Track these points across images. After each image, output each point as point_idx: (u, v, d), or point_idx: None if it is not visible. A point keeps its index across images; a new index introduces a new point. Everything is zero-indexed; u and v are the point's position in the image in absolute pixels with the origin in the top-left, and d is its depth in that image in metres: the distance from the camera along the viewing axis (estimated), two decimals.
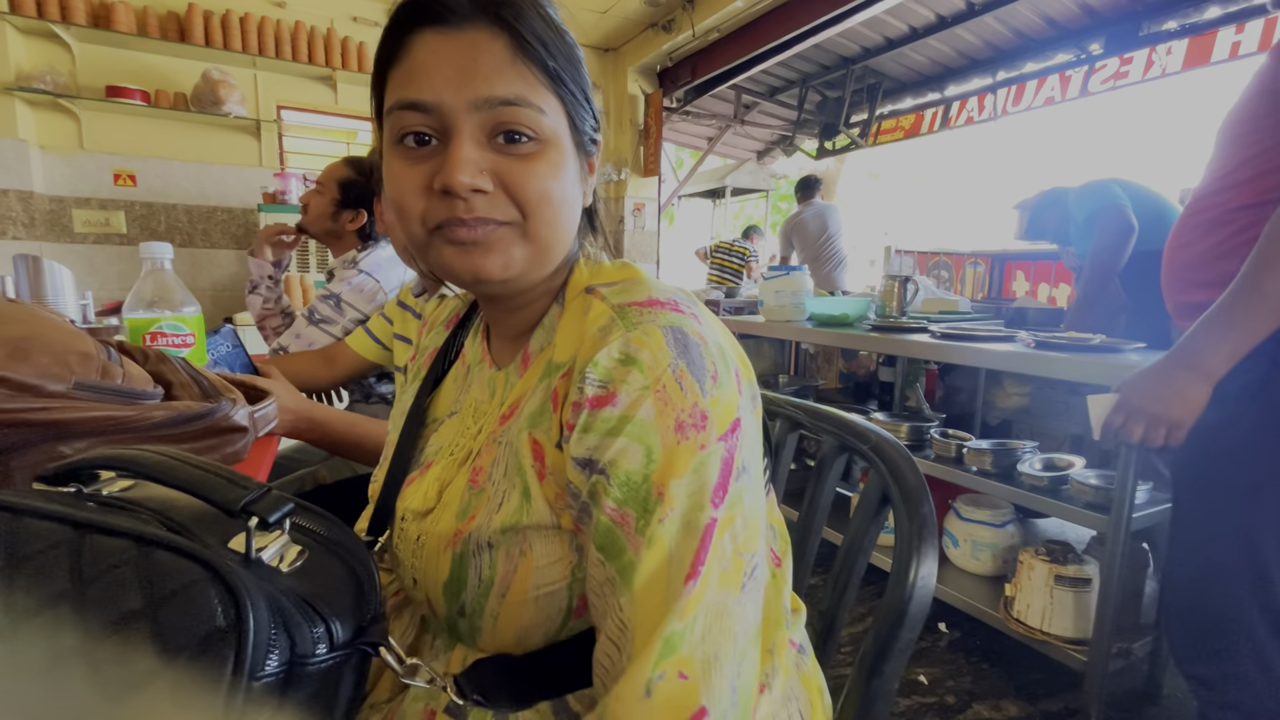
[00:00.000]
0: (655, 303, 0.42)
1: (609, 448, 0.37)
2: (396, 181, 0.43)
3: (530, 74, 0.42)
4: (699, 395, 0.37)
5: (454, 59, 0.41)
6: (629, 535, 0.36)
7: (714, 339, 0.41)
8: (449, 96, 0.41)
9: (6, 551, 0.28)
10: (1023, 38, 3.73)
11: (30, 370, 0.50)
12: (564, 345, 0.45)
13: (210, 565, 0.28)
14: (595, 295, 0.45)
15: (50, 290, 1.39)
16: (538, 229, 0.44)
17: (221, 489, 0.32)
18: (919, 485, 0.58)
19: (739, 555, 0.37)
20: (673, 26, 3.79)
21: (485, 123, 0.42)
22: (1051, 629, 1.46)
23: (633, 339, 0.39)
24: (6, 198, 2.96)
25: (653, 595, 0.35)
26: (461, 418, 0.54)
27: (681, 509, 0.36)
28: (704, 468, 0.36)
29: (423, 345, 0.64)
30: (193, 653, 0.26)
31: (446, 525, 0.47)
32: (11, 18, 2.83)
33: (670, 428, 0.36)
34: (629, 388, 0.37)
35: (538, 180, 0.43)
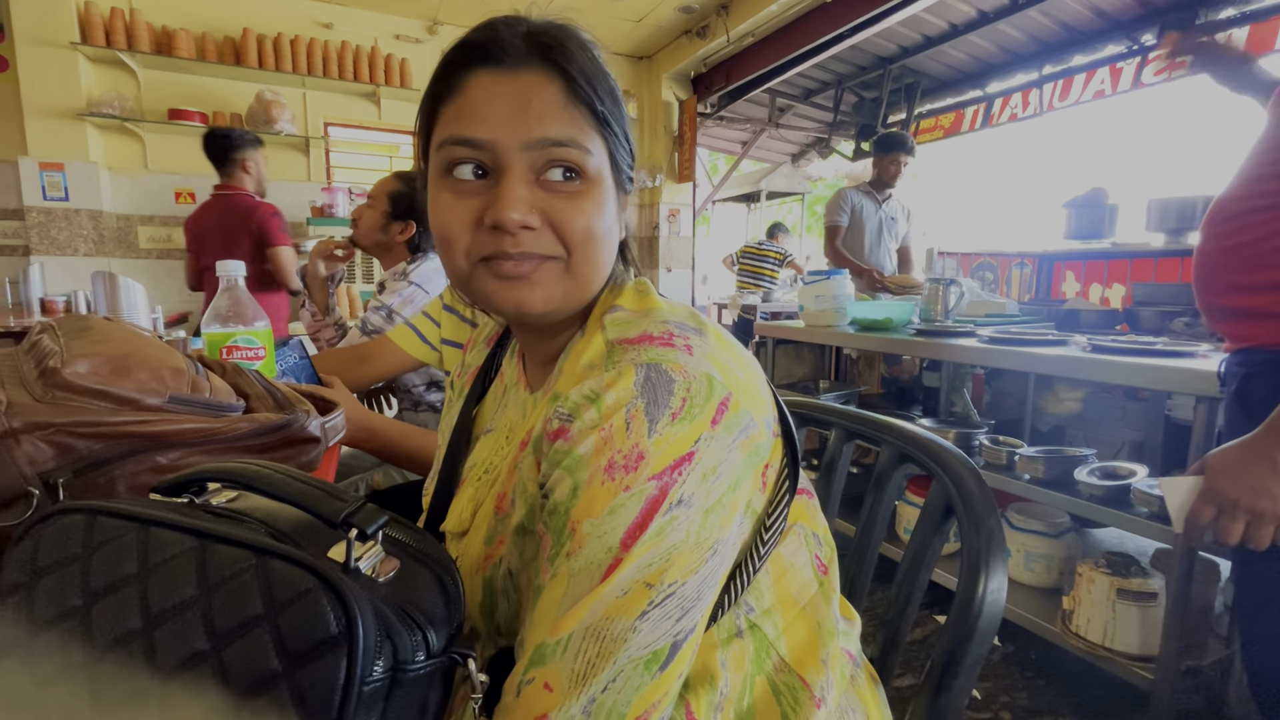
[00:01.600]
0: (646, 338, 0.42)
1: (551, 476, 0.40)
2: (444, 214, 0.45)
3: (580, 117, 0.44)
4: (643, 436, 0.38)
5: (509, 100, 0.43)
6: (544, 560, 0.39)
7: (701, 369, 0.40)
8: (503, 135, 0.42)
9: (140, 558, 0.30)
10: (1070, 30, 3.61)
11: (131, 385, 0.53)
12: (568, 373, 0.46)
13: (322, 575, 0.30)
14: (600, 325, 0.46)
15: (125, 305, 1.47)
16: (580, 265, 0.45)
17: (323, 502, 0.34)
18: (985, 497, 0.57)
19: (646, 586, 0.37)
20: (707, 32, 3.80)
21: (535, 161, 0.43)
22: (1114, 645, 1.40)
23: (606, 378, 0.40)
24: (79, 216, 3.15)
25: (544, 622, 0.38)
26: (496, 437, 0.56)
27: (588, 549, 0.37)
28: (621, 510, 0.37)
29: (467, 362, 0.67)
30: (309, 657, 0.28)
31: (477, 549, 0.48)
32: (83, 48, 3.01)
33: (601, 467, 0.38)
34: (581, 424, 0.39)
35: (583, 218, 0.44)
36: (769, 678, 0.46)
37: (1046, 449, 1.63)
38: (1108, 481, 1.46)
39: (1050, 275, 3.41)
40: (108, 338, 0.57)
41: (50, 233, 3.12)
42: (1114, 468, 1.55)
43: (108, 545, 0.31)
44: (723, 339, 0.46)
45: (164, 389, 0.54)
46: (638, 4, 3.60)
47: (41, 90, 3.01)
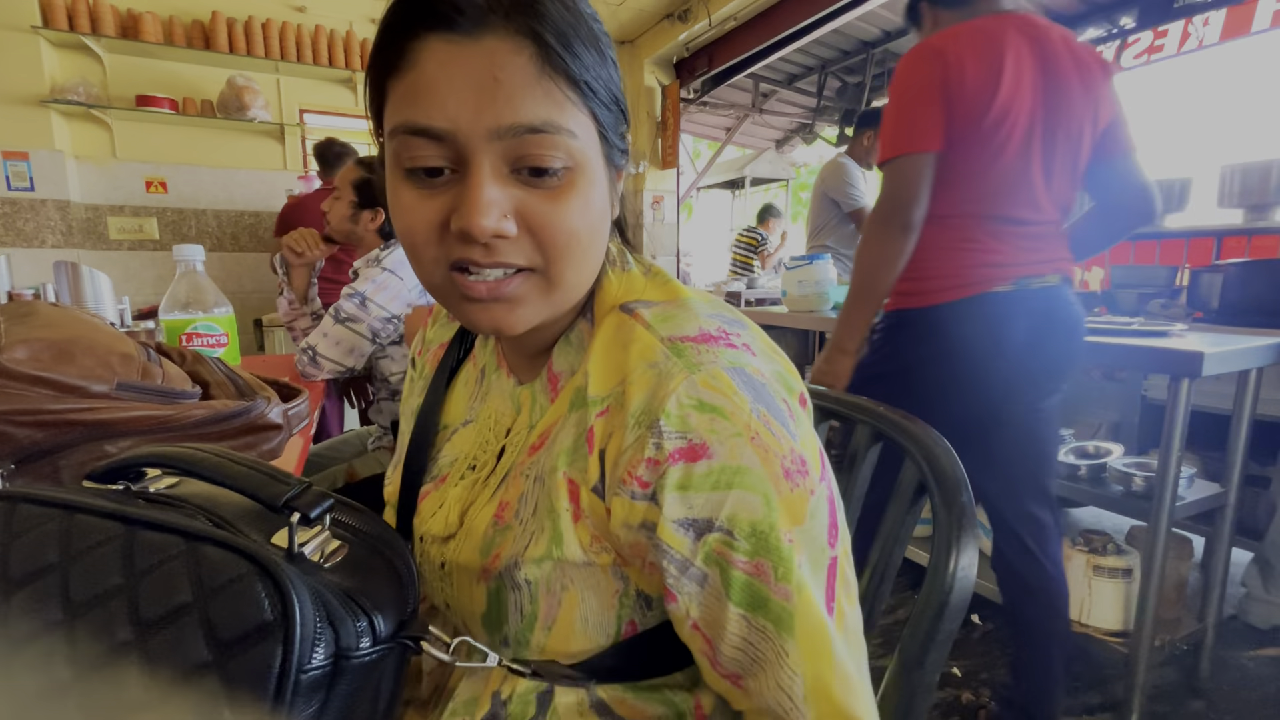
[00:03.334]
0: (708, 337, 0.38)
1: (724, 504, 0.35)
2: (406, 216, 0.38)
3: (558, 90, 0.36)
4: (790, 440, 0.36)
5: (469, 76, 0.34)
6: (771, 585, 0.36)
7: (771, 369, 0.39)
8: (465, 122, 0.35)
9: (61, 547, 0.29)
10: (1050, 13, 3.60)
11: (75, 372, 0.51)
12: (601, 377, 0.40)
13: (257, 559, 0.28)
14: (636, 319, 0.40)
15: (90, 295, 1.43)
16: (562, 273, 0.39)
17: (265, 485, 0.32)
18: (957, 475, 0.57)
19: (847, 581, 0.40)
20: (689, 16, 3.76)
21: (508, 153, 0.36)
22: (1090, 620, 1.43)
23: (700, 382, 0.35)
24: (45, 207, 3.06)
25: (816, 641, 0.37)
26: (478, 429, 0.50)
27: (810, 554, 0.37)
28: (819, 512, 0.37)
29: (429, 339, 0.60)
30: (241, 645, 0.27)
31: (471, 558, 0.43)
32: (45, 32, 2.91)
33: (779, 475, 0.35)
34: (719, 436, 0.35)
35: (565, 220, 0.38)
36: None
37: None
38: (1085, 461, 1.48)
39: None
40: (52, 324, 0.55)
41: (16, 224, 3.03)
42: (1090, 447, 1.56)
43: (28, 534, 0.29)
44: (757, 329, 0.43)
45: (111, 375, 0.52)
46: None
47: (2, 77, 2.91)
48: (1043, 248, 1.19)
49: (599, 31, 0.39)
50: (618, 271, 0.46)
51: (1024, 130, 1.13)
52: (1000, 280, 1.16)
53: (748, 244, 4.98)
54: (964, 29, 1.15)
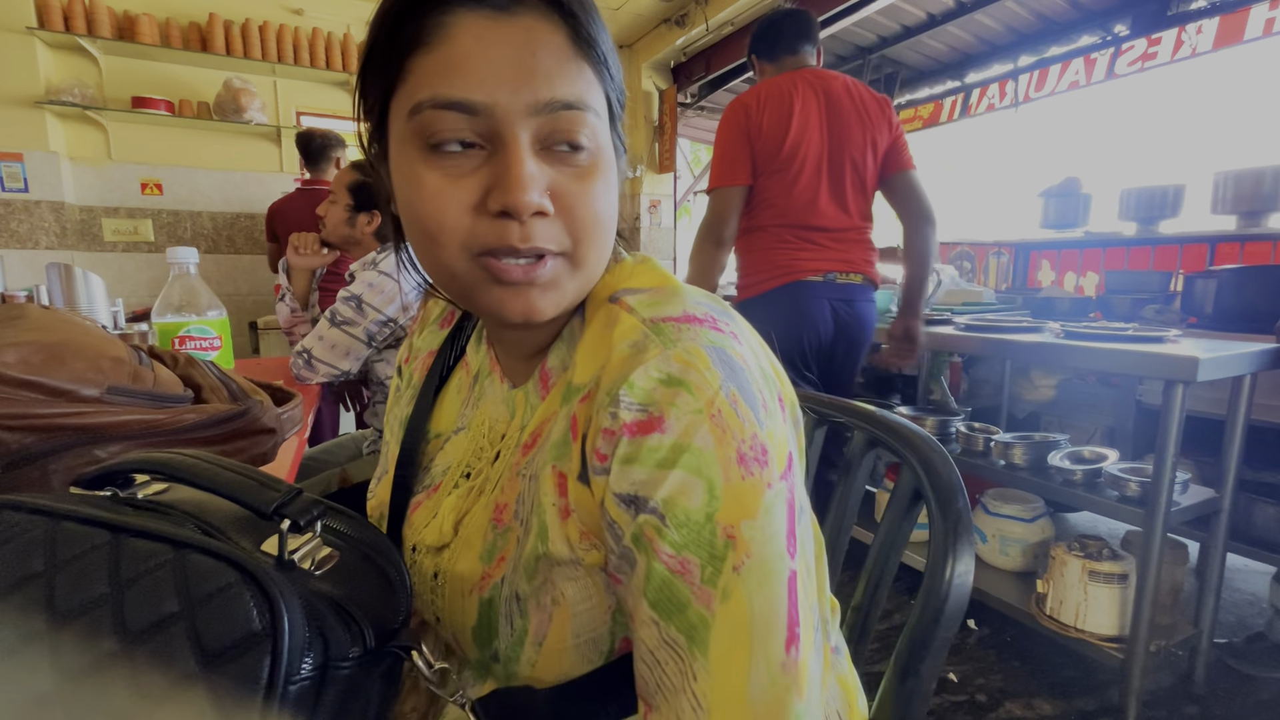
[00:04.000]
0: (692, 318, 0.37)
1: (662, 482, 0.32)
2: (432, 200, 0.36)
3: (589, 69, 0.37)
4: (756, 425, 0.33)
5: (507, 51, 0.34)
6: (694, 586, 0.31)
7: (756, 362, 0.37)
8: (504, 97, 0.34)
9: (47, 555, 0.28)
10: (1045, 21, 3.64)
11: (65, 375, 0.51)
12: (585, 364, 0.40)
13: (245, 568, 0.28)
14: (621, 306, 0.40)
15: (83, 298, 1.42)
16: (588, 256, 0.39)
17: (254, 492, 0.32)
18: (953, 481, 0.57)
19: (809, 608, 0.33)
20: (686, 21, 3.77)
21: (540, 129, 0.35)
22: (1086, 626, 1.43)
23: (674, 356, 0.34)
24: (39, 208, 3.04)
25: (737, 664, 0.30)
26: (472, 436, 0.49)
27: (759, 558, 0.31)
28: (775, 509, 0.32)
29: (417, 347, 0.58)
30: (230, 655, 0.26)
31: (469, 567, 0.42)
32: (40, 33, 2.90)
33: (732, 459, 0.32)
34: (678, 411, 0.32)
35: (594, 202, 0.37)
36: None
37: (1021, 435, 1.65)
38: (1081, 466, 1.48)
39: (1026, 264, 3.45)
40: (42, 326, 0.54)
41: (10, 225, 3.01)
42: (1086, 452, 1.57)
43: (12, 542, 0.29)
44: (748, 324, 0.42)
45: (102, 379, 0.52)
46: None
47: None
48: (846, 251, 1.58)
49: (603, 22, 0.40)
50: (610, 265, 0.45)
51: (814, 160, 1.54)
52: (810, 272, 1.55)
53: None
54: (763, 87, 1.56)
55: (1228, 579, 1.89)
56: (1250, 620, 1.80)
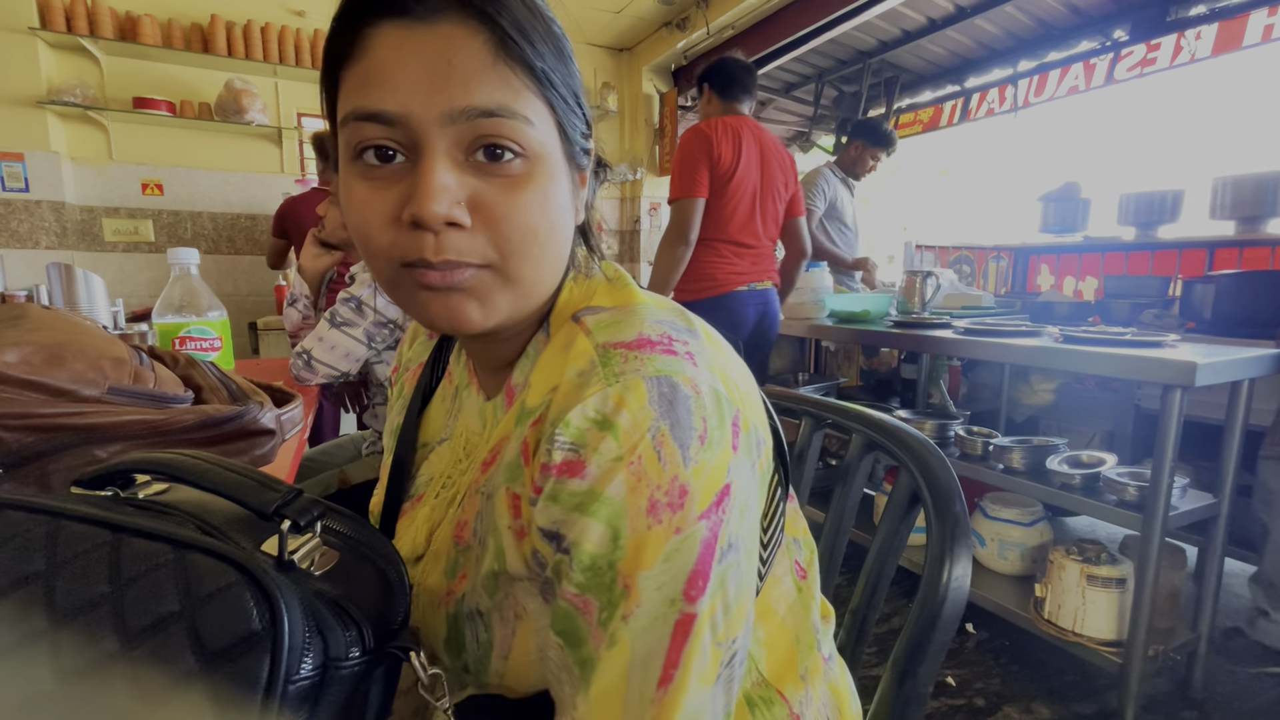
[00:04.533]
0: (645, 343, 0.36)
1: (574, 525, 0.33)
2: (358, 210, 0.36)
3: (514, 77, 0.35)
4: (679, 466, 0.33)
5: (423, 60, 0.34)
6: (590, 626, 0.33)
7: (710, 384, 0.35)
8: (417, 106, 0.34)
9: (48, 554, 0.28)
10: (1045, 26, 3.65)
11: (66, 376, 0.51)
12: (539, 385, 0.40)
13: (245, 568, 0.28)
14: (580, 326, 0.39)
15: (83, 298, 1.42)
16: (520, 270, 0.38)
17: (255, 492, 0.32)
18: (950, 484, 0.57)
19: (717, 646, 0.34)
20: (687, 25, 3.78)
21: (462, 137, 0.35)
22: (1084, 630, 1.43)
23: (612, 395, 0.33)
24: (40, 208, 3.05)
25: (611, 702, 0.32)
26: (453, 446, 0.50)
27: (649, 606, 0.32)
28: (678, 555, 0.32)
29: (407, 359, 0.59)
30: (229, 655, 0.27)
31: (436, 581, 0.43)
32: (42, 33, 2.91)
33: (642, 509, 0.32)
34: (600, 458, 0.33)
35: (521, 212, 0.36)
36: (746, 692, 0.44)
37: (1019, 438, 1.65)
38: (1079, 470, 1.49)
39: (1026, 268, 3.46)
40: (43, 326, 0.54)
41: (10, 225, 3.02)
42: (1084, 456, 1.57)
43: (13, 540, 0.29)
44: (713, 338, 0.40)
45: (103, 379, 0.52)
46: None
47: None
48: (762, 263, 2.05)
49: (559, 32, 0.39)
50: (580, 280, 0.45)
51: (750, 191, 1.97)
52: (739, 283, 1.99)
53: None
54: (719, 124, 1.94)
55: (1226, 584, 1.89)
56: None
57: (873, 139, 2.89)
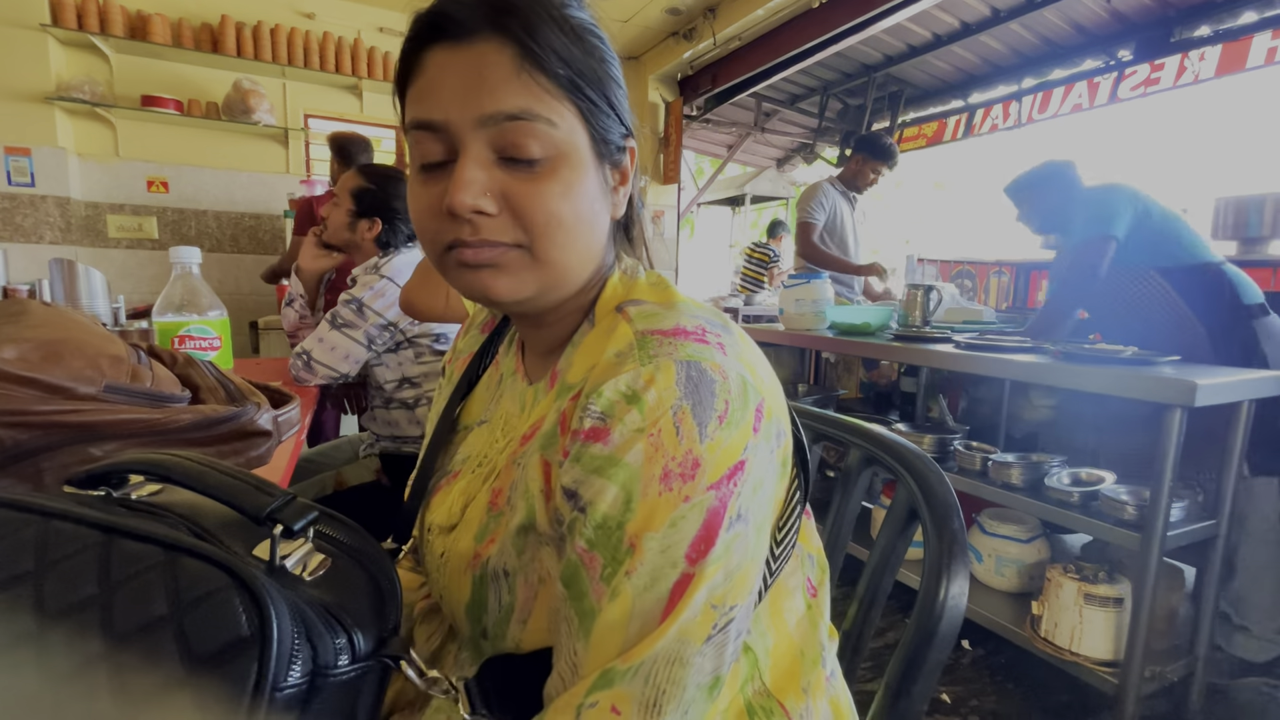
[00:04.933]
0: (681, 331, 0.40)
1: (591, 485, 0.36)
2: (414, 203, 0.44)
3: (537, 84, 0.40)
4: (695, 441, 0.36)
5: (460, 73, 0.40)
6: (593, 580, 0.36)
7: (737, 372, 0.39)
8: (455, 113, 0.40)
9: (37, 554, 0.28)
10: (1050, 44, 3.67)
11: (62, 373, 0.51)
12: (580, 364, 0.44)
13: (235, 573, 0.28)
14: (623, 315, 0.43)
15: (84, 293, 1.43)
16: (547, 252, 0.42)
17: (248, 495, 0.32)
18: (949, 501, 0.57)
19: (711, 608, 0.36)
20: (694, 35, 3.80)
21: (493, 140, 0.40)
22: (1081, 649, 1.42)
23: (644, 374, 0.37)
24: (45, 203, 3.06)
25: (607, 646, 0.35)
26: (491, 428, 0.53)
27: (651, 565, 0.35)
28: (683, 521, 0.35)
29: (460, 349, 0.64)
30: (216, 661, 0.26)
31: (466, 545, 0.46)
32: (53, 30, 2.92)
33: (655, 477, 0.35)
34: (624, 428, 0.36)
35: (544, 201, 0.41)
36: (748, 700, 0.45)
37: (1019, 455, 1.64)
38: (1077, 488, 1.48)
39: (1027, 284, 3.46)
40: (42, 323, 0.54)
41: (14, 219, 3.02)
42: (1083, 474, 1.56)
43: (3, 540, 0.29)
44: (746, 338, 0.44)
45: (100, 377, 0.52)
46: (625, 4, 3.59)
47: (8, 72, 2.92)
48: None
49: (594, 44, 0.44)
50: (625, 279, 0.49)
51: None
52: None
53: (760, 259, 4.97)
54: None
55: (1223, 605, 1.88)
56: None
57: (874, 153, 2.87)
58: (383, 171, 1.52)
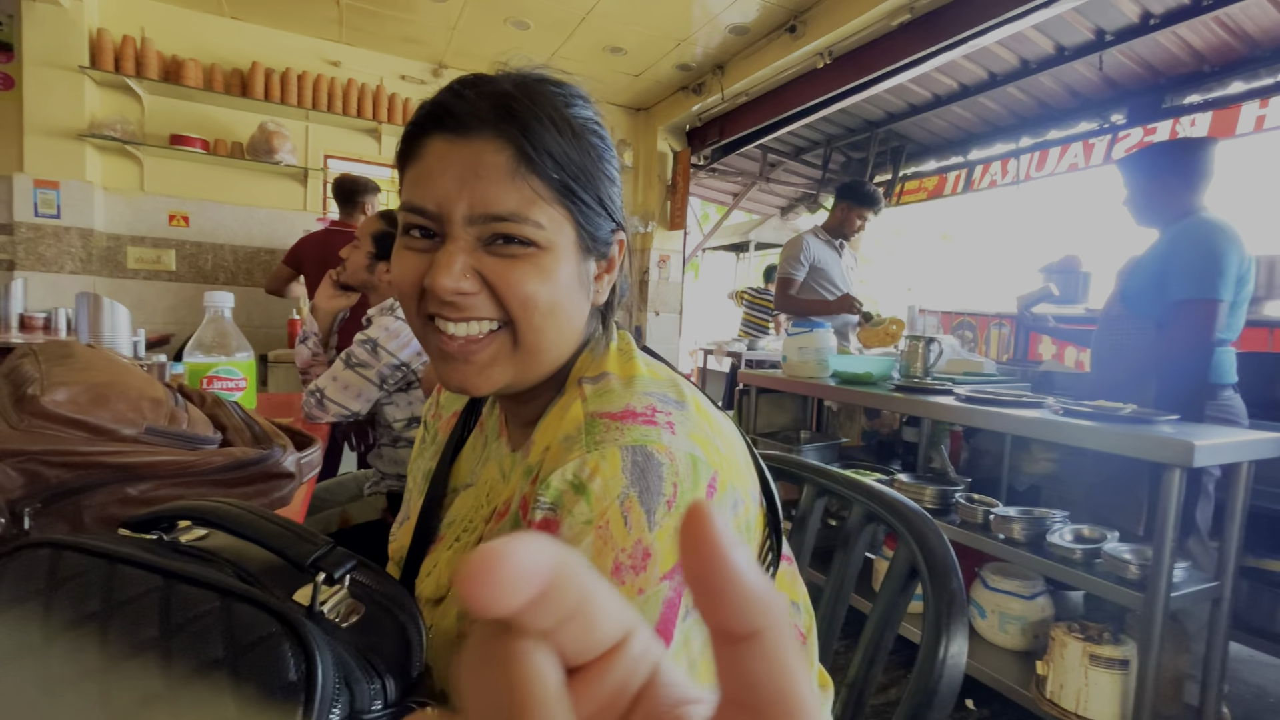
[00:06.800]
0: (628, 414, 0.40)
1: None
2: (398, 270, 0.45)
3: (530, 188, 0.42)
4: (644, 530, 0.35)
5: (458, 167, 0.42)
6: None
7: (685, 450, 0.39)
8: (448, 206, 0.42)
9: (104, 596, 0.30)
10: (1045, 107, 3.81)
11: (108, 415, 0.53)
12: (539, 444, 0.44)
13: (286, 619, 0.30)
14: (580, 392, 0.44)
15: (108, 327, 1.46)
16: (527, 335, 0.44)
17: (293, 544, 0.34)
18: (948, 560, 0.58)
19: None
20: (703, 89, 3.96)
21: (480, 233, 0.43)
22: (1087, 713, 1.39)
23: (589, 462, 0.37)
24: (68, 234, 3.14)
25: None
26: (476, 493, 0.53)
27: None
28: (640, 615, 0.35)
29: (444, 404, 0.63)
30: (266, 703, 0.28)
31: (451, 624, 0.45)
32: (91, 72, 3.06)
33: (607, 570, 0.35)
34: (573, 520, 0.36)
35: (522, 282, 0.42)
36: None
37: (1021, 509, 1.65)
38: (1079, 545, 1.48)
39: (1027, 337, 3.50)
40: (89, 366, 0.57)
41: (38, 249, 3.10)
42: (1086, 530, 1.56)
43: (72, 581, 0.31)
44: (703, 409, 0.44)
45: (141, 420, 0.55)
46: (637, 60, 3.75)
47: (45, 109, 3.05)
48: None
49: (593, 145, 0.45)
50: (595, 349, 0.49)
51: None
52: None
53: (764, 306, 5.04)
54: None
55: (1231, 669, 1.84)
56: (1258, 715, 1.75)
57: (856, 199, 2.94)
58: None
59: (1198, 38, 2.91)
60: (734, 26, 3.28)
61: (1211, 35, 2.88)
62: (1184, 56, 3.10)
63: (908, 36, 2.85)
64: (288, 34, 3.52)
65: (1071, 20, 2.85)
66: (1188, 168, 1.71)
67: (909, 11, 2.73)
